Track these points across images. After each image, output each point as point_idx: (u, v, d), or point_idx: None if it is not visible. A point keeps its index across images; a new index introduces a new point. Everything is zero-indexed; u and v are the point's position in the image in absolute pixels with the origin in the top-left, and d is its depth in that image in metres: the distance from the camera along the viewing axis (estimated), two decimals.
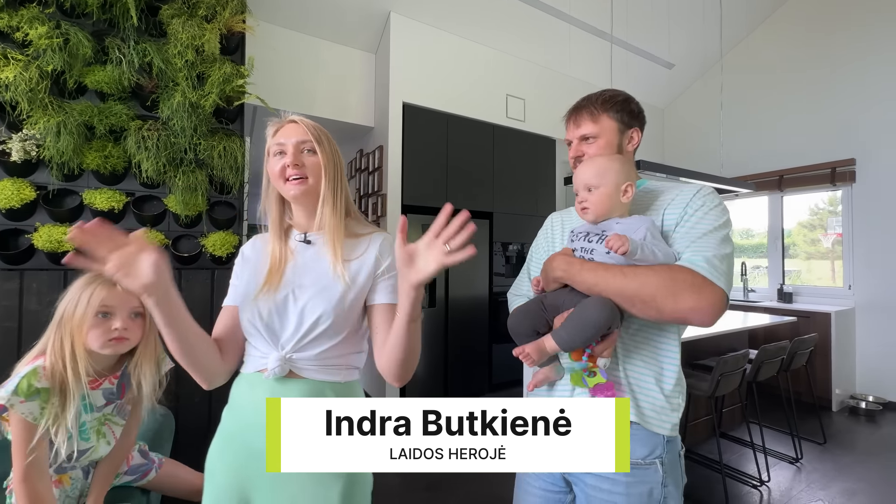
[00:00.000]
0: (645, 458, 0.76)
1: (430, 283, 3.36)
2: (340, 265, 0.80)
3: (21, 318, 1.44)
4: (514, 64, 3.76)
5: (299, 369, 0.78)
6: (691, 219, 0.78)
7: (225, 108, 1.72)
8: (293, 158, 0.80)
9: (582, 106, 0.91)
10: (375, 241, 0.85)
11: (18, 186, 1.41)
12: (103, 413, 1.03)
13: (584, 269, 0.76)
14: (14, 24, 1.36)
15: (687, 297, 0.69)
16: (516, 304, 0.99)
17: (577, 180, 0.83)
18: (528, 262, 1.07)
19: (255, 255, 0.88)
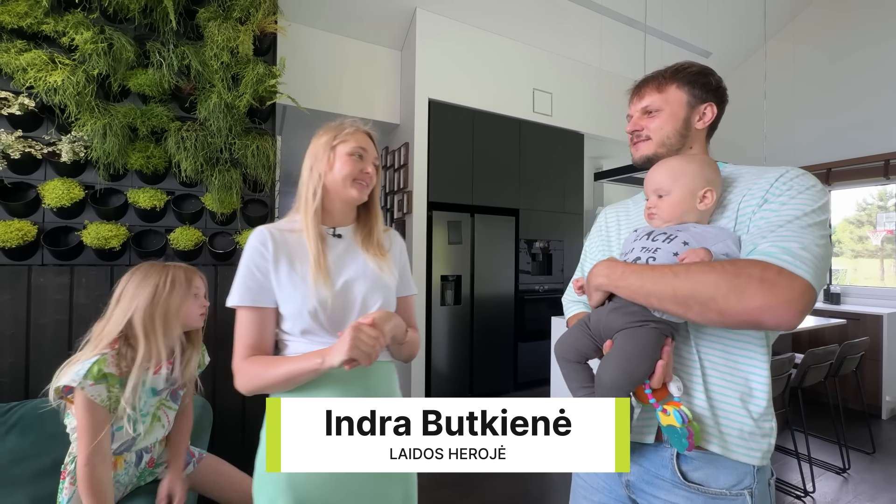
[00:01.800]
0: (731, 489, 0.64)
1: (455, 281, 3.35)
2: (383, 265, 0.90)
3: (71, 312, 1.52)
4: (542, 57, 3.67)
5: None
6: (772, 205, 0.64)
7: (258, 108, 1.75)
8: (368, 166, 0.89)
9: (649, 78, 0.80)
10: (394, 238, 0.98)
11: (68, 186, 1.48)
12: (160, 398, 1.10)
13: (628, 271, 0.66)
14: (60, 29, 1.42)
15: (754, 294, 0.55)
16: (572, 311, 0.93)
17: (647, 184, 0.73)
18: (583, 263, 0.96)
19: (282, 248, 0.85)
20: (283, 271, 0.83)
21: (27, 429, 1.13)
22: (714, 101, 0.77)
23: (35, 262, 1.48)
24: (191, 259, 1.68)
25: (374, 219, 0.94)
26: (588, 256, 0.94)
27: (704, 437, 0.65)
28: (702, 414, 0.66)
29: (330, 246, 0.88)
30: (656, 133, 0.77)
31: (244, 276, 0.84)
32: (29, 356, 1.46)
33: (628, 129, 0.82)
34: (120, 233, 1.55)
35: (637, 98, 0.81)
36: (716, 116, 0.77)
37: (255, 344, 0.83)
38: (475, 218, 3.37)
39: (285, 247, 0.85)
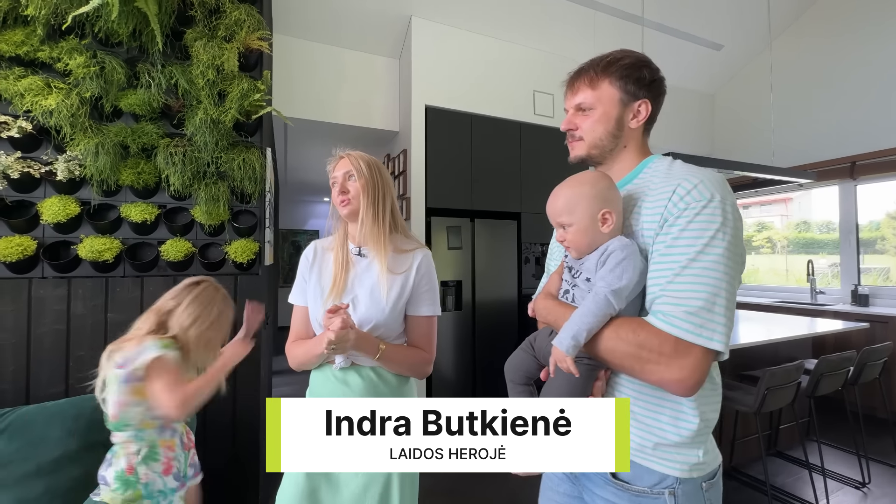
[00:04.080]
0: (652, 488, 0.65)
1: (456, 286, 3.34)
2: (386, 280, 0.95)
3: (69, 322, 1.60)
4: (541, 58, 3.64)
5: (360, 360, 0.95)
6: (671, 230, 0.62)
7: (245, 122, 1.80)
8: (341, 187, 0.99)
9: (583, 69, 0.76)
10: (417, 258, 1.00)
11: (65, 202, 1.56)
12: None
13: (561, 318, 0.67)
14: (55, 56, 1.51)
15: (653, 370, 0.59)
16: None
17: (549, 215, 0.73)
18: (548, 263, 0.99)
19: (318, 260, 1.05)
20: (313, 281, 1.02)
21: (14, 434, 1.19)
22: (648, 97, 0.74)
23: (36, 275, 1.57)
24: (182, 269, 1.74)
25: (380, 236, 0.98)
26: (552, 256, 0.97)
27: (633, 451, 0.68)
28: (637, 431, 0.67)
29: (353, 264, 1.00)
30: (588, 134, 0.75)
31: (296, 280, 1.07)
32: (29, 364, 1.54)
33: (562, 127, 0.79)
34: (113, 246, 1.63)
35: (571, 93, 0.78)
36: (651, 112, 0.75)
37: (297, 331, 1.04)
38: (475, 223, 3.35)
39: (322, 261, 1.04)
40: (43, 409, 1.28)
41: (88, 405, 1.31)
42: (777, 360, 2.46)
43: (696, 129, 4.66)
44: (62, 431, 1.23)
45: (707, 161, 2.54)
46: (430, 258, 1.02)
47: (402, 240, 1.03)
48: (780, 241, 4.61)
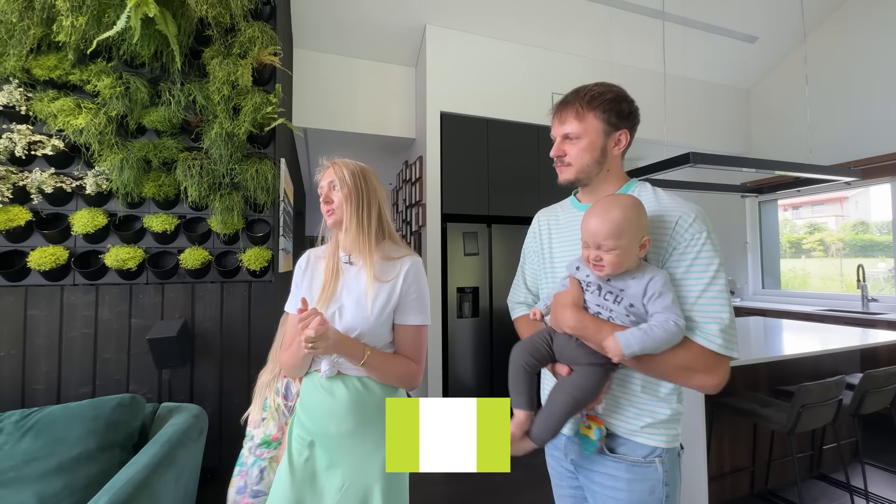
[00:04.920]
0: (646, 457, 0.80)
1: (472, 293, 3.30)
2: (373, 288, 0.95)
3: (96, 326, 1.70)
4: (557, 59, 3.57)
5: (345, 369, 0.95)
6: (684, 257, 0.76)
7: (259, 134, 1.87)
8: (324, 196, 1.01)
9: (569, 101, 0.85)
10: (404, 266, 0.98)
11: (93, 214, 1.67)
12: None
13: (602, 333, 0.75)
14: (85, 78, 1.63)
15: (700, 377, 0.74)
16: (520, 313, 1.07)
17: (588, 234, 0.76)
18: (522, 266, 1.08)
19: (310, 268, 1.06)
20: (304, 289, 1.04)
21: (41, 432, 1.27)
22: (627, 127, 0.84)
23: (68, 283, 1.68)
24: (200, 277, 1.81)
25: (365, 245, 0.99)
26: (527, 260, 1.06)
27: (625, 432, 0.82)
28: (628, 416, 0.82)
29: (343, 272, 1.01)
30: (576, 161, 0.85)
31: (291, 288, 1.09)
32: (61, 366, 1.65)
33: (552, 153, 0.88)
34: (137, 254, 1.72)
35: (558, 122, 0.86)
36: (629, 140, 0.85)
37: (290, 339, 1.03)
38: (492, 228, 3.31)
39: (315, 270, 1.05)
40: (66, 409, 1.36)
41: (107, 407, 1.39)
42: (819, 375, 2.26)
43: (730, 127, 4.41)
44: (82, 431, 1.30)
45: (742, 161, 2.38)
46: (420, 266, 1.01)
47: (392, 247, 1.02)
48: (833, 244, 4.26)
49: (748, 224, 4.50)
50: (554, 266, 0.94)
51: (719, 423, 1.97)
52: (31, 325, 1.62)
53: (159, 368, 1.67)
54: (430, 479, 2.39)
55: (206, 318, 1.83)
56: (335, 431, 0.92)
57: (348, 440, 0.92)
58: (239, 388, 1.85)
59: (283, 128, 2.08)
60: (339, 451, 0.93)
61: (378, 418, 0.93)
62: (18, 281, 1.60)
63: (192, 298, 1.81)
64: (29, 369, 1.61)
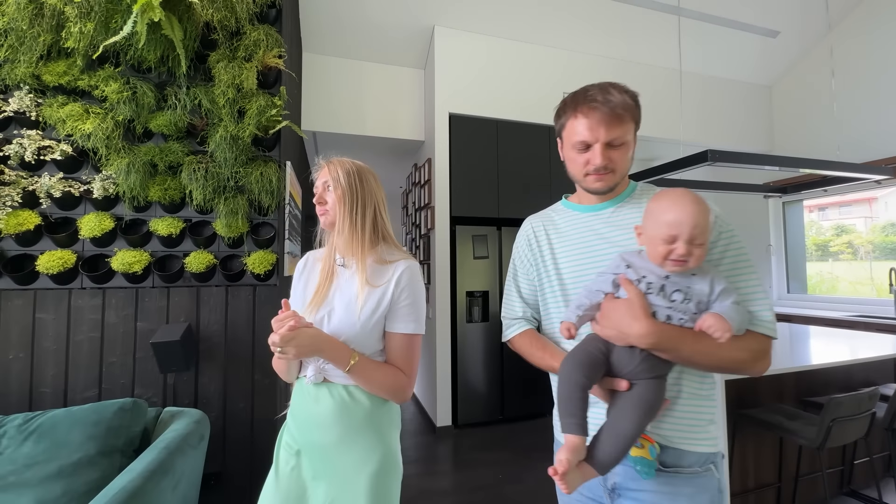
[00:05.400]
0: (702, 465, 0.76)
1: (482, 297, 3.24)
2: (363, 292, 0.90)
3: (103, 330, 1.71)
4: (570, 58, 3.50)
5: (331, 376, 0.90)
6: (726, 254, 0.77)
7: (263, 137, 1.86)
8: (317, 197, 0.98)
9: (615, 103, 0.78)
10: (398, 269, 0.93)
11: (100, 218, 1.68)
12: None
13: (680, 338, 0.71)
14: (93, 84, 1.64)
15: (762, 364, 0.74)
16: (518, 329, 0.95)
17: (685, 227, 0.70)
18: (514, 278, 0.99)
19: (307, 270, 1.03)
20: (299, 291, 1.01)
21: (42, 437, 1.27)
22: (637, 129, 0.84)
23: (75, 286, 1.69)
24: (205, 280, 1.80)
25: (358, 247, 0.94)
26: (520, 271, 0.97)
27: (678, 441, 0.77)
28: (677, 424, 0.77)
29: (337, 275, 0.97)
30: (620, 167, 0.82)
31: (291, 292, 1.05)
32: (68, 370, 1.66)
33: (600, 162, 0.80)
34: (142, 258, 1.72)
35: (604, 128, 0.79)
36: None
37: None
38: (502, 231, 3.25)
39: (312, 272, 1.01)
40: (69, 413, 1.36)
41: (109, 411, 1.38)
42: (850, 386, 2.13)
43: (751, 125, 4.26)
44: (83, 436, 1.29)
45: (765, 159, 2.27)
46: (415, 270, 0.96)
47: (386, 250, 0.97)
48: (863, 246, 4.05)
49: (772, 225, 4.33)
50: (561, 274, 0.87)
51: (742, 436, 1.86)
52: (39, 329, 1.64)
53: (163, 373, 1.67)
54: (436, 489, 2.33)
55: (211, 322, 1.82)
56: (319, 441, 0.88)
57: (333, 451, 0.88)
58: (243, 393, 1.83)
59: (289, 131, 2.07)
60: (322, 462, 0.89)
61: (365, 430, 0.88)
62: (27, 284, 1.62)
63: (197, 302, 1.81)
64: (36, 372, 1.62)
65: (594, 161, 0.80)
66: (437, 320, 3.03)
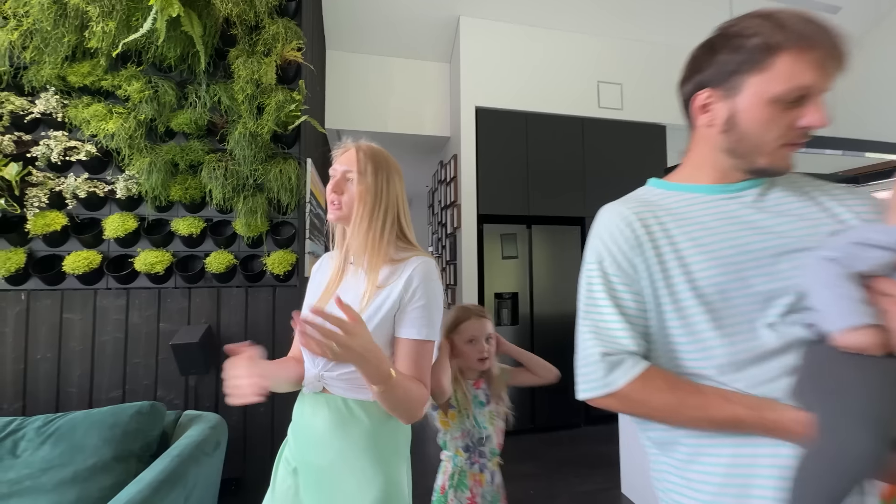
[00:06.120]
0: None
1: (512, 299, 3.08)
2: (369, 292, 0.80)
3: (127, 330, 1.70)
4: (605, 45, 3.28)
5: (329, 386, 0.81)
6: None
7: (283, 134, 1.81)
8: (333, 185, 0.85)
9: (840, 38, 0.56)
10: (409, 267, 0.81)
11: (123, 219, 1.68)
12: (491, 407, 1.21)
13: None
14: (116, 83, 1.64)
15: None
16: (637, 371, 0.58)
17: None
18: (611, 292, 0.62)
19: (321, 269, 0.95)
20: (312, 293, 0.93)
21: (60, 439, 1.25)
22: None
23: (101, 287, 1.69)
24: (225, 281, 1.77)
25: (352, 243, 0.84)
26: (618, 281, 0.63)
27: None
28: None
29: (347, 273, 0.88)
30: None
31: (306, 296, 0.95)
32: (93, 370, 1.66)
33: (823, 119, 0.55)
34: (164, 258, 1.70)
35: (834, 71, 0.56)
36: None
37: (296, 347, 0.94)
38: (532, 230, 3.08)
39: (324, 272, 0.93)
40: (88, 415, 1.33)
41: (126, 414, 1.34)
42: None
43: None
44: (99, 440, 1.26)
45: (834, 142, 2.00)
46: (429, 268, 0.82)
47: (399, 249, 0.86)
48: None
49: None
50: (696, 283, 0.58)
51: None
52: (66, 329, 1.65)
53: (183, 375, 1.64)
54: None
55: (232, 324, 1.78)
56: (314, 461, 0.78)
57: (328, 475, 0.77)
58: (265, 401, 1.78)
59: (310, 128, 2.01)
60: (317, 487, 0.78)
61: (364, 454, 0.76)
62: (55, 285, 1.63)
63: (218, 303, 1.77)
64: (63, 372, 1.63)
65: (813, 119, 0.54)
66: None
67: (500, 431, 1.22)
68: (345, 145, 0.89)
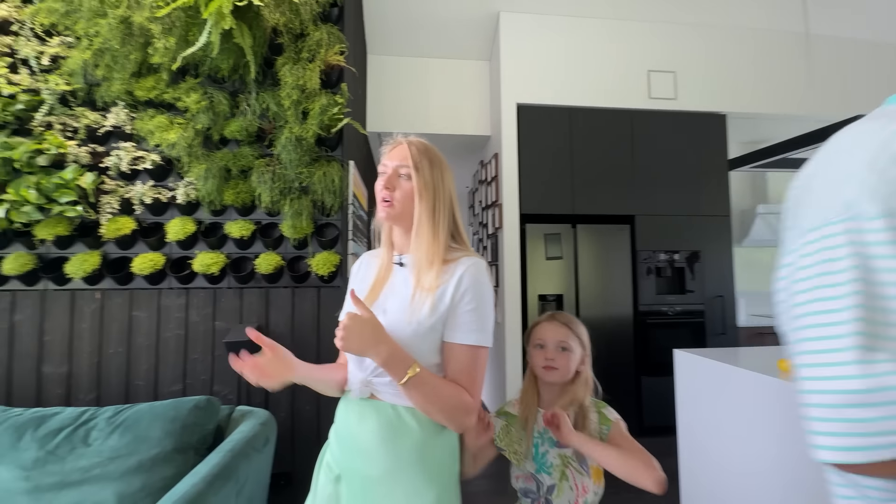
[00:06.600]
0: None
1: (556, 301, 2.97)
2: (420, 295, 0.77)
3: (187, 328, 1.80)
4: (656, 32, 3.08)
5: (378, 392, 0.79)
6: None
7: (326, 137, 1.84)
8: (386, 181, 0.81)
9: None
10: (460, 268, 0.79)
11: (184, 222, 1.78)
12: (563, 452, 0.96)
13: None
14: (177, 96, 1.74)
15: None
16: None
17: None
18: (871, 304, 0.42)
19: (362, 270, 0.93)
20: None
21: (127, 430, 1.34)
22: None
23: (164, 287, 1.81)
24: (273, 282, 1.83)
25: (418, 246, 0.80)
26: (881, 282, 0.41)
27: None
28: None
29: (394, 274, 0.85)
30: None
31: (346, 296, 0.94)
32: (158, 364, 1.77)
33: None
34: (219, 260, 1.79)
35: None
36: None
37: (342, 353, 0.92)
38: (577, 229, 2.95)
39: (367, 271, 0.91)
40: (152, 407, 1.42)
41: (185, 408, 1.42)
42: None
43: None
44: (161, 432, 1.34)
45: None
46: (480, 269, 0.79)
47: (450, 249, 0.83)
48: None
49: None
50: None
51: None
52: (134, 325, 1.77)
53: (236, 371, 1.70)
54: None
55: (280, 323, 1.83)
56: (361, 470, 0.76)
57: (375, 486, 0.75)
58: (310, 395, 1.81)
59: (352, 131, 2.04)
60: (363, 497, 0.76)
61: (415, 465, 0.74)
62: (125, 284, 1.76)
63: (267, 303, 1.83)
64: (132, 366, 1.75)
65: None
66: (506, 326, 2.84)
67: (583, 490, 0.92)
68: (395, 140, 0.86)
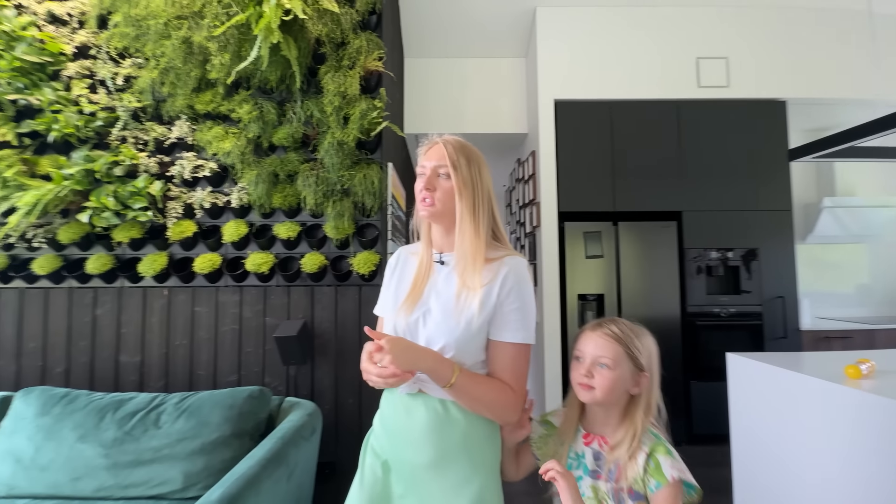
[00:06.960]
0: None
1: (596, 301, 2.89)
2: (465, 294, 0.79)
3: (241, 323, 1.94)
4: (703, 16, 2.92)
5: (428, 388, 0.80)
6: None
7: (366, 140, 1.91)
8: (426, 182, 0.82)
9: None
10: (504, 267, 0.80)
11: (237, 225, 1.91)
12: (597, 483, 0.80)
13: None
14: (231, 108, 1.88)
15: None
16: None
17: None
18: None
19: (399, 266, 0.94)
20: (392, 289, 0.92)
21: (192, 414, 1.46)
22: None
23: (221, 284, 1.95)
24: (318, 280, 1.92)
25: (461, 243, 0.81)
26: None
27: None
28: None
29: (435, 272, 0.87)
30: None
31: (382, 290, 0.96)
32: (216, 356, 1.92)
33: None
34: (269, 259, 1.91)
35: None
36: None
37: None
38: (619, 226, 2.86)
39: (405, 268, 0.92)
40: (212, 395, 1.55)
41: (241, 397, 1.53)
42: None
43: None
44: (220, 418, 1.45)
45: None
46: (523, 268, 0.80)
47: (492, 249, 0.84)
48: None
49: None
50: None
51: None
52: (196, 320, 1.93)
53: (285, 364, 1.81)
54: None
55: (324, 320, 1.93)
56: (410, 460, 0.79)
57: (423, 474, 0.78)
58: (351, 388, 1.90)
59: (391, 133, 2.10)
60: (412, 483, 0.79)
61: (461, 454, 0.76)
62: (188, 282, 1.92)
63: (312, 301, 1.93)
64: (195, 357, 1.91)
65: None
66: (545, 326, 2.80)
67: None
68: (430, 141, 0.88)
